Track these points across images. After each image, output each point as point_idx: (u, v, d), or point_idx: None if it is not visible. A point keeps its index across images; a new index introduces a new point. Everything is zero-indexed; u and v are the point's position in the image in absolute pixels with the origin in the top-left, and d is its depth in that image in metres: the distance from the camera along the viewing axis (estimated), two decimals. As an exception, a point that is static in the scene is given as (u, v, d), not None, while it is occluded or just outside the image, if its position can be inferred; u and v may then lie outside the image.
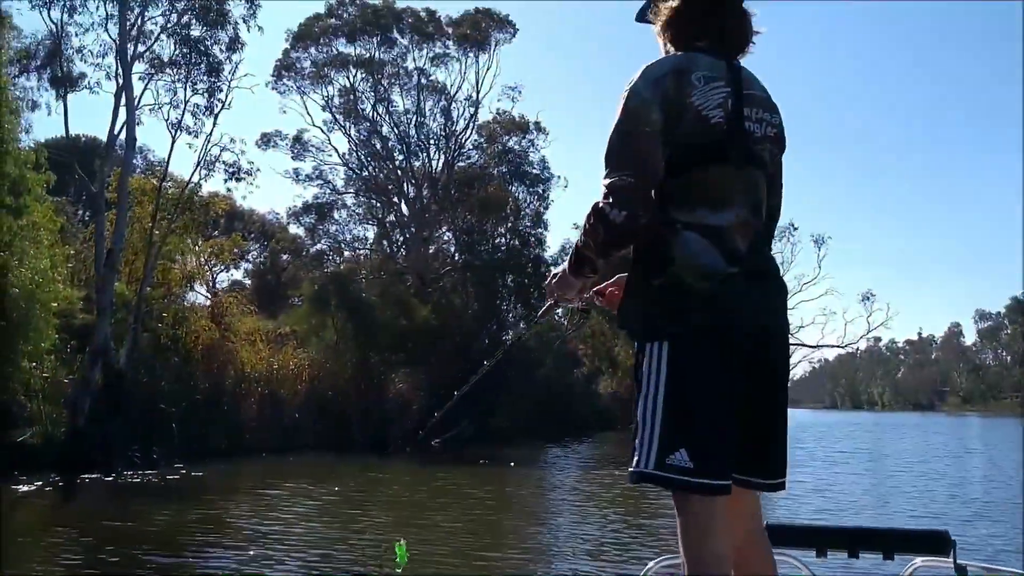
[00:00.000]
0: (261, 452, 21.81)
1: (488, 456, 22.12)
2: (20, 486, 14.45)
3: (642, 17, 2.28)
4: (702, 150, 2.03)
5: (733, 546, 2.04)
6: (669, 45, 2.21)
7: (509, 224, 35.19)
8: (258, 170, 24.69)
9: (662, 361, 2.00)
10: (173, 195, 22.38)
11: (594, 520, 13.08)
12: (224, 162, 23.24)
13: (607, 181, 2.03)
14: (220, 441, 20.94)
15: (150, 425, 19.17)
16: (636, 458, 2.01)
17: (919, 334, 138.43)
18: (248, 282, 41.84)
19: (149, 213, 21.53)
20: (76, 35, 21.19)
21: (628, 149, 2.04)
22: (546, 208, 36.90)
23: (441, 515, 12.88)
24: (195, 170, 22.41)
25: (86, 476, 16.17)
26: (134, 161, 28.20)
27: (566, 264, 2.23)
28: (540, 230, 36.62)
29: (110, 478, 16.29)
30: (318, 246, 38.16)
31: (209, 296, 29.52)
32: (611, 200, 2.01)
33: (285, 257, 42.39)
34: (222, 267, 35.31)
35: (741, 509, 2.13)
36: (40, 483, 14.83)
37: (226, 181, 24.92)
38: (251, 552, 9.68)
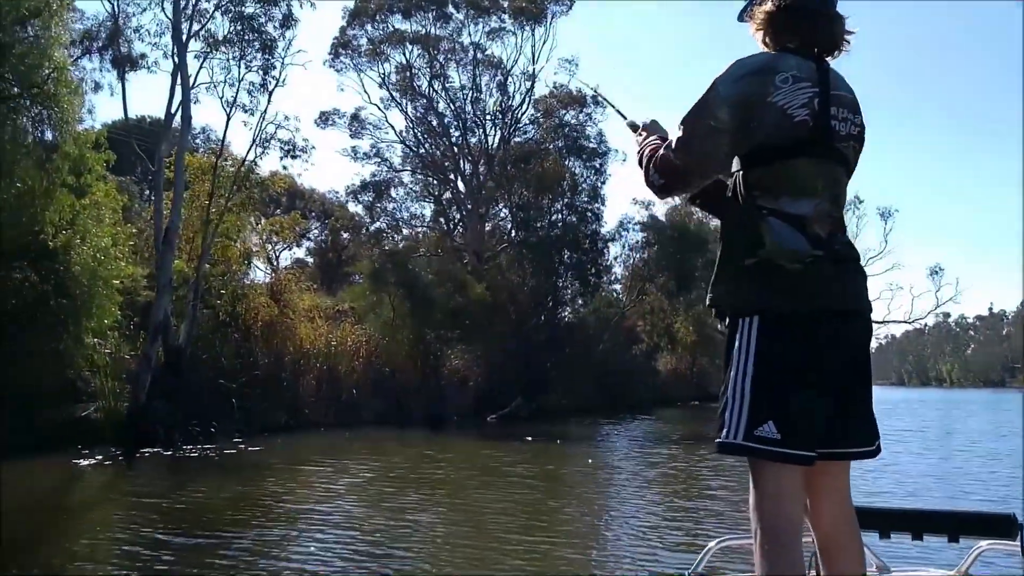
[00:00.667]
0: (320, 427, 22.09)
1: (541, 433, 22.04)
2: (82, 460, 14.79)
3: (742, 18, 2.43)
4: (787, 145, 2.16)
5: (804, 520, 2.19)
6: (763, 45, 2.35)
7: (566, 199, 34.79)
8: (313, 147, 24.82)
9: (752, 337, 2.13)
10: (230, 173, 22.59)
11: (641, 500, 12.86)
12: (279, 140, 23.44)
13: (662, 152, 2.29)
14: (279, 416, 21.24)
15: (210, 400, 19.46)
16: (725, 430, 2.14)
17: (990, 309, 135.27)
18: (310, 260, 42.37)
19: (206, 191, 21.76)
20: (134, 15, 21.51)
21: (688, 135, 2.23)
22: (603, 183, 36.09)
23: (480, 493, 12.79)
24: (250, 148, 22.63)
25: (146, 450, 16.50)
26: (195, 140, 28.76)
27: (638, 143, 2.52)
28: (597, 205, 35.87)
29: (169, 453, 16.58)
30: (377, 224, 38.29)
31: (270, 274, 29.92)
32: (658, 165, 2.29)
33: (345, 235, 42.75)
34: (284, 245, 35.81)
35: (830, 485, 2.26)
36: (101, 457, 15.16)
37: (281, 159, 25.19)
38: (274, 533, 9.62)
